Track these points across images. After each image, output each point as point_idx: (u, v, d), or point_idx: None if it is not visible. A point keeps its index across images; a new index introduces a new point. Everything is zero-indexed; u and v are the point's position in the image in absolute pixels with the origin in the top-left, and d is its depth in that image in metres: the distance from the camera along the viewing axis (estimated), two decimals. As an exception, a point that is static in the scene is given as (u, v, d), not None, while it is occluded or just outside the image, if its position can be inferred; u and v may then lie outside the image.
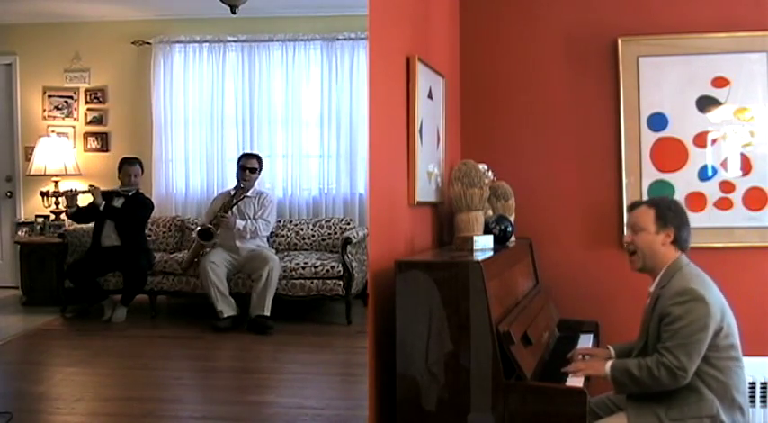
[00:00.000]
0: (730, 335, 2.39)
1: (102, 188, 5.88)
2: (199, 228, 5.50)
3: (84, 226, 6.11)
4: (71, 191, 5.81)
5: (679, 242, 2.50)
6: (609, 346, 2.74)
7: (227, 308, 5.20)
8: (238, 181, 5.61)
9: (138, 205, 5.78)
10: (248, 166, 5.59)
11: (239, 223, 5.42)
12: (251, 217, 5.55)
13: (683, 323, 2.30)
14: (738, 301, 2.49)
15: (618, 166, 3.75)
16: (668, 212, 2.51)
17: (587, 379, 2.53)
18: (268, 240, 5.99)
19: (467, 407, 2.38)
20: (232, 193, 5.59)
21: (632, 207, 2.62)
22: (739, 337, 2.43)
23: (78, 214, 5.77)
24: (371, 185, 2.66)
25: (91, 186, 5.77)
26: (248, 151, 6.11)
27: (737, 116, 3.69)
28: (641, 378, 2.34)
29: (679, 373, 2.29)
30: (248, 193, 5.58)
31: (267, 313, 5.21)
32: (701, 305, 2.31)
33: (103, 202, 5.65)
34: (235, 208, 5.50)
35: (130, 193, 5.78)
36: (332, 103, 6.56)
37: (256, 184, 5.70)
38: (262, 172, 5.79)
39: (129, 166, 5.80)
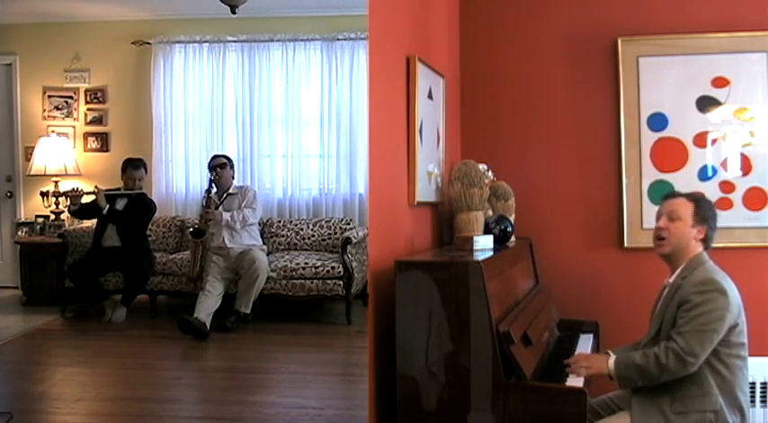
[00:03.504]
0: (742, 333, 2.40)
1: (105, 188, 5.90)
2: (190, 229, 5.52)
3: (84, 226, 6.12)
4: (75, 190, 5.81)
5: (707, 241, 2.54)
6: (608, 352, 2.73)
7: (203, 316, 5.06)
8: (212, 181, 5.56)
9: (142, 207, 5.78)
10: (216, 164, 5.56)
11: (226, 215, 5.40)
12: (236, 210, 5.51)
13: (702, 311, 2.31)
14: (739, 301, 2.49)
15: (618, 166, 3.75)
16: (707, 211, 2.55)
17: (587, 379, 2.53)
18: (267, 240, 5.99)
19: (467, 407, 2.38)
20: (210, 191, 5.57)
21: (670, 196, 2.64)
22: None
23: (80, 212, 5.77)
24: (371, 185, 2.66)
25: (95, 188, 5.76)
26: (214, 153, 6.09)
27: (737, 116, 3.69)
28: (647, 366, 2.34)
29: (687, 358, 2.29)
30: (231, 191, 5.58)
31: (247, 311, 5.24)
32: (722, 297, 2.33)
33: (107, 206, 5.64)
34: (220, 207, 5.48)
35: (133, 195, 5.78)
36: (332, 103, 6.56)
37: (234, 181, 5.69)
38: (234, 168, 5.75)
39: (134, 170, 5.79)
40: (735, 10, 3.67)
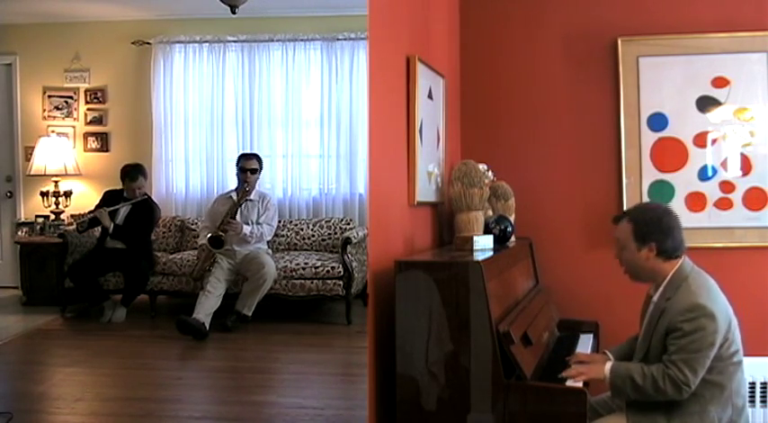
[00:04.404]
0: (734, 342, 2.37)
1: (108, 189, 5.94)
2: (210, 235, 5.37)
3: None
4: (82, 217, 5.79)
5: (665, 254, 2.43)
6: (606, 352, 2.72)
7: (203, 316, 5.02)
8: (240, 183, 5.55)
9: (145, 214, 5.76)
10: (249, 167, 5.52)
11: (246, 229, 5.39)
12: (254, 221, 5.53)
13: (692, 338, 2.27)
14: (738, 301, 2.49)
15: (618, 167, 3.76)
16: (645, 228, 2.43)
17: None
18: (267, 241, 5.99)
19: (467, 407, 2.38)
20: (234, 196, 5.54)
21: (616, 220, 2.56)
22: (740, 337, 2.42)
23: (87, 228, 5.76)
24: (371, 185, 2.66)
25: (98, 212, 5.67)
26: (246, 151, 6.07)
27: (737, 116, 3.69)
28: (644, 387, 2.32)
29: (684, 387, 2.28)
30: (251, 197, 5.54)
31: (248, 313, 5.23)
32: (711, 322, 2.28)
33: (112, 225, 5.62)
34: (238, 213, 5.44)
35: (138, 200, 5.78)
36: (332, 103, 6.56)
37: (257, 185, 5.67)
38: (262, 172, 5.77)
39: (132, 182, 5.76)
40: (735, 10, 3.67)
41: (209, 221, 5.61)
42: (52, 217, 6.56)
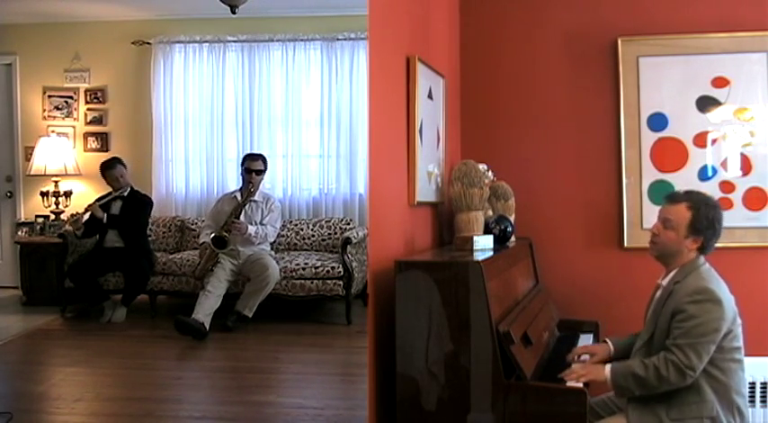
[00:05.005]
0: (736, 337, 2.38)
1: (99, 195, 5.95)
2: (213, 235, 5.33)
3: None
4: (75, 216, 5.80)
5: (704, 249, 2.46)
6: (607, 340, 2.72)
7: (202, 316, 5.00)
8: (244, 184, 5.53)
9: (138, 205, 5.79)
10: (254, 168, 5.49)
11: (251, 229, 5.38)
12: (258, 222, 5.52)
13: (697, 322, 2.28)
14: (738, 301, 2.48)
15: (618, 166, 3.76)
16: (704, 222, 2.42)
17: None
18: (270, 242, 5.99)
19: (467, 407, 2.38)
20: (238, 196, 5.53)
21: (672, 200, 2.49)
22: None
23: (86, 232, 5.75)
24: (371, 185, 2.66)
25: (87, 207, 5.71)
26: (252, 151, 6.06)
27: (737, 116, 3.69)
28: (647, 378, 2.32)
29: (687, 372, 2.28)
30: (255, 198, 5.52)
31: (249, 314, 5.22)
32: (717, 307, 2.29)
33: (105, 215, 5.65)
34: (242, 214, 5.43)
35: (125, 194, 5.78)
36: (332, 103, 6.56)
37: (261, 185, 5.65)
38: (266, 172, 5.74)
39: (111, 171, 5.78)
40: (735, 10, 3.68)
41: (211, 220, 5.59)
42: (52, 217, 6.56)
